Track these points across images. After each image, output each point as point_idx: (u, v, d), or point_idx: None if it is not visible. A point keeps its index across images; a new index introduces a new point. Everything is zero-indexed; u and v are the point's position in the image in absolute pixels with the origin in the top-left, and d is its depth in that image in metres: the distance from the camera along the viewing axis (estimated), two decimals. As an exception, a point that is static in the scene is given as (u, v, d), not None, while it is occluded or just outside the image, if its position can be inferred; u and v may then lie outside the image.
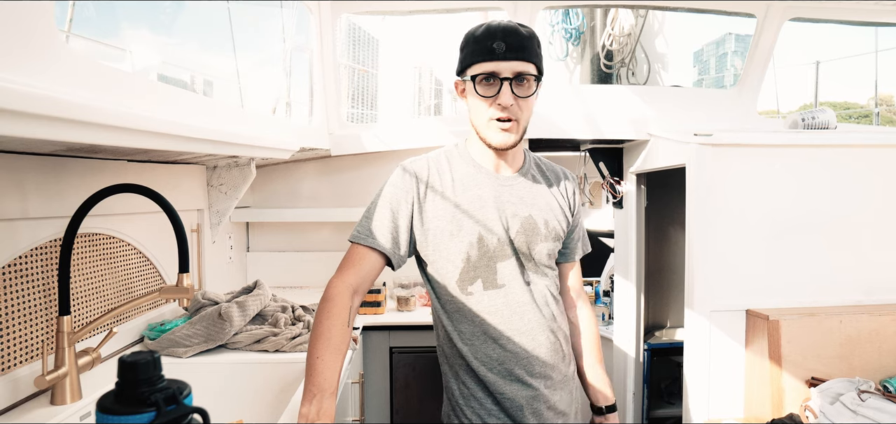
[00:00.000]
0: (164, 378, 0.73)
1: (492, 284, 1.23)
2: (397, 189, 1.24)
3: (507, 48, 1.14)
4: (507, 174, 1.28)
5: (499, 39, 1.14)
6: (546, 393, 1.26)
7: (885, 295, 1.96)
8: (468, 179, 1.25)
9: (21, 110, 0.75)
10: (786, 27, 2.54)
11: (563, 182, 1.36)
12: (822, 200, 1.95)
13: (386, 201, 1.24)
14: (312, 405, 1.02)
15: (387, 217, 1.22)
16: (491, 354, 1.24)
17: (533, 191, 1.29)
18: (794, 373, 1.77)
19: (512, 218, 1.24)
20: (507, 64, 1.15)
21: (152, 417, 0.69)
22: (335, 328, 1.11)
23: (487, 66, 1.15)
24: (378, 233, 1.21)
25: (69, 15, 1.37)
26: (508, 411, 1.24)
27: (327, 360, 1.07)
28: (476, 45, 1.17)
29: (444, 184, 1.25)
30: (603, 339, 2.81)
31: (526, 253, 1.25)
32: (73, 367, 1.20)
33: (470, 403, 1.25)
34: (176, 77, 3.54)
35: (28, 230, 1.21)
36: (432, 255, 1.25)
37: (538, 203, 1.28)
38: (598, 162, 2.75)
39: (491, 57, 1.14)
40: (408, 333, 2.16)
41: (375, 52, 10.07)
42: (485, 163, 1.27)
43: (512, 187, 1.27)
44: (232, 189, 2.07)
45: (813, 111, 2.20)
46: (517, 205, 1.25)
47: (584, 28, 3.31)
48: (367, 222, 1.24)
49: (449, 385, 1.30)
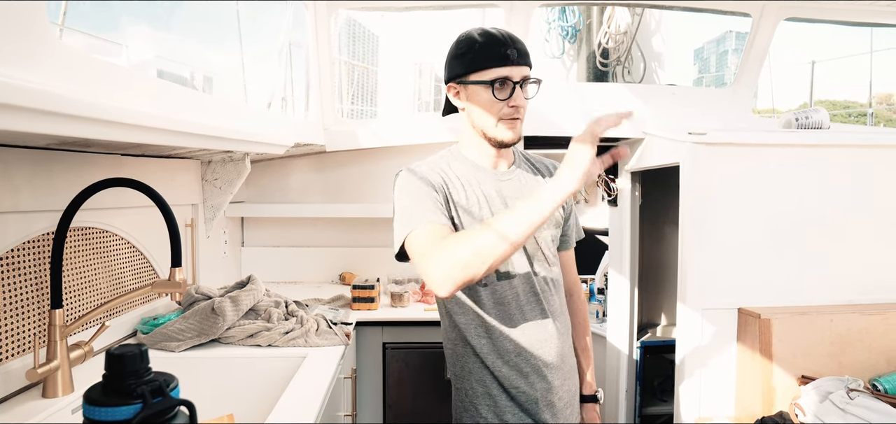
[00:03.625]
0: (152, 371, 0.74)
1: (503, 276, 1.27)
2: (422, 181, 1.23)
3: (519, 54, 1.22)
4: (504, 169, 1.33)
5: (511, 47, 1.21)
6: (557, 385, 1.29)
7: (877, 294, 1.97)
8: (471, 178, 1.29)
9: (12, 104, 0.75)
10: (781, 26, 2.55)
11: (552, 172, 1.40)
12: (814, 199, 1.96)
13: (421, 193, 1.20)
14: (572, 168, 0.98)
15: (430, 199, 1.19)
16: (505, 347, 1.26)
17: (530, 183, 1.34)
18: (785, 371, 1.78)
19: None
20: (518, 69, 1.22)
21: (139, 409, 0.69)
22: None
23: (504, 71, 1.21)
24: (435, 214, 1.16)
25: (63, 9, 1.37)
26: (523, 405, 1.26)
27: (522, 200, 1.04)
28: (488, 52, 1.22)
29: (453, 184, 1.27)
30: (597, 336, 2.84)
31: (531, 243, 1.30)
32: (65, 360, 1.21)
33: (484, 400, 1.27)
34: (175, 73, 3.53)
35: (19, 223, 1.22)
36: None
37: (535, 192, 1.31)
38: (594, 160, 2.75)
39: (506, 62, 1.21)
40: (401, 329, 2.17)
41: (375, 49, 10.06)
42: (482, 162, 1.31)
43: (511, 181, 1.32)
44: (226, 184, 2.07)
45: (807, 111, 2.21)
46: (517, 198, 1.29)
47: (580, 26, 3.32)
48: (416, 212, 1.16)
49: (462, 385, 1.31)
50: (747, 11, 2.51)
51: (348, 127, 2.66)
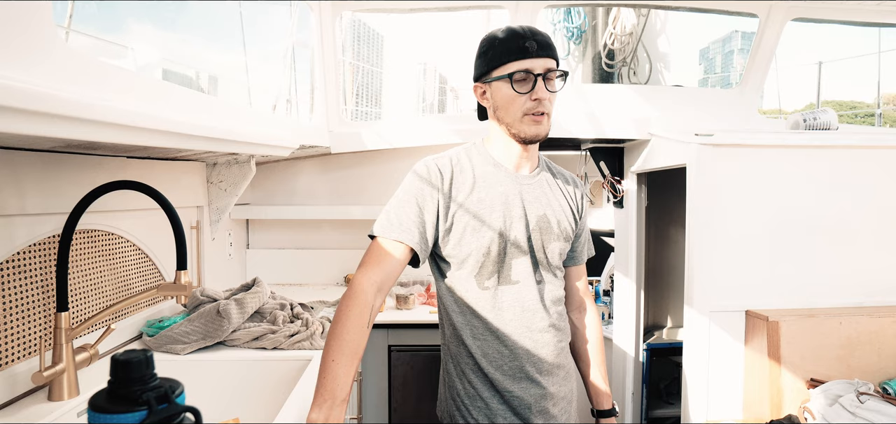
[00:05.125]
0: (157, 377, 0.73)
1: (506, 280, 1.26)
2: (423, 184, 1.24)
3: (538, 46, 1.19)
4: (525, 173, 1.30)
5: (530, 38, 1.19)
6: (553, 391, 1.28)
7: (886, 296, 1.95)
8: (489, 177, 1.27)
9: (19, 107, 0.75)
10: (789, 27, 2.53)
11: (572, 186, 1.39)
12: (822, 201, 1.94)
13: (411, 195, 1.23)
14: (322, 410, 1.02)
15: (413, 211, 1.21)
16: (501, 351, 1.25)
17: (548, 192, 1.31)
18: (794, 374, 1.76)
19: (530, 216, 1.27)
20: (540, 61, 1.19)
21: (144, 416, 0.69)
22: (354, 329, 1.10)
23: (523, 64, 1.19)
24: (406, 227, 1.20)
25: (69, 11, 1.37)
26: (516, 410, 1.25)
27: (342, 364, 1.06)
28: (507, 45, 1.20)
29: (466, 181, 1.26)
30: (603, 339, 2.82)
31: (540, 252, 1.28)
32: (70, 364, 1.21)
33: (476, 403, 1.26)
34: (180, 73, 3.55)
35: (26, 226, 1.22)
36: (453, 250, 1.25)
37: (552, 203, 1.31)
38: (599, 161, 2.75)
39: (525, 55, 1.19)
40: (406, 331, 2.16)
41: (380, 50, 10.05)
42: (505, 161, 1.29)
43: (530, 186, 1.29)
44: (232, 186, 2.07)
45: (814, 112, 2.19)
46: (534, 204, 1.28)
47: (585, 27, 3.31)
48: (392, 216, 1.21)
49: (453, 384, 1.30)
50: (754, 12, 2.50)
51: (353, 128, 2.66)
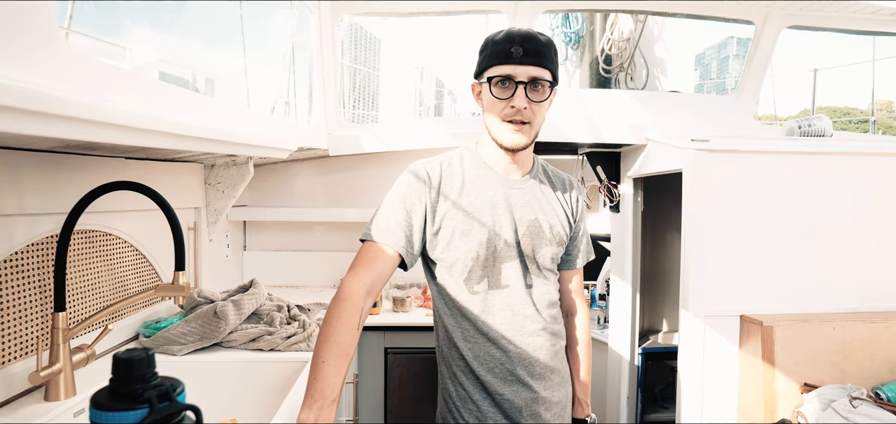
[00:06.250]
0: (158, 376, 0.73)
1: (496, 284, 1.25)
2: (411, 188, 1.25)
3: (524, 53, 1.17)
4: (516, 177, 1.30)
5: (517, 44, 1.17)
6: (545, 395, 1.27)
7: (879, 302, 1.97)
8: (479, 180, 1.27)
9: (21, 107, 0.75)
10: (784, 34, 2.55)
11: (568, 190, 1.38)
12: (817, 207, 1.96)
13: (400, 200, 1.24)
14: (312, 411, 1.03)
15: (401, 215, 1.22)
16: (492, 354, 1.25)
17: (539, 196, 1.31)
18: (787, 379, 1.78)
19: (520, 221, 1.26)
20: (523, 68, 1.17)
21: (145, 414, 0.69)
22: (344, 331, 1.11)
23: (504, 69, 1.18)
24: (393, 231, 1.21)
25: (69, 12, 1.37)
26: (506, 412, 1.25)
27: (332, 365, 1.07)
28: (494, 49, 1.20)
29: (455, 185, 1.26)
30: (598, 342, 2.83)
31: (530, 256, 1.27)
32: (67, 364, 1.21)
33: (467, 405, 1.26)
34: (177, 75, 3.55)
35: (24, 226, 1.22)
36: (442, 254, 1.25)
37: (544, 207, 1.30)
38: (596, 165, 2.76)
39: (508, 61, 1.17)
40: (403, 334, 2.17)
41: (377, 53, 10.08)
42: (495, 165, 1.29)
43: (520, 190, 1.29)
44: (229, 187, 2.07)
45: (809, 118, 2.21)
46: (525, 209, 1.27)
47: (583, 32, 3.32)
48: (381, 220, 1.23)
49: (446, 386, 1.30)
50: (750, 18, 2.52)
51: (351, 131, 2.67)
